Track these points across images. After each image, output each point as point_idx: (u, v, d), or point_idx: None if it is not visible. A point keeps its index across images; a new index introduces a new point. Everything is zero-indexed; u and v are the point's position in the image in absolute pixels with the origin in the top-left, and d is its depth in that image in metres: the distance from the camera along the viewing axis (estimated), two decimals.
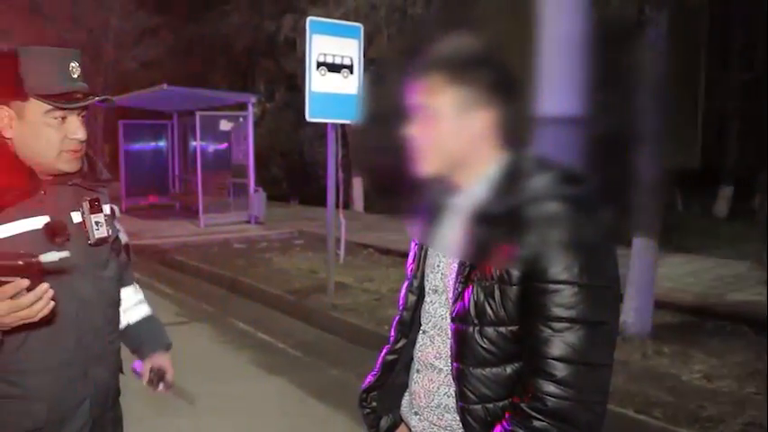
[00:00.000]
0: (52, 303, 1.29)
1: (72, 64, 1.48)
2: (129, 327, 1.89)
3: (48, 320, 1.38)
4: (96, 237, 1.59)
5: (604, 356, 1.22)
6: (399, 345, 1.53)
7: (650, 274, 5.27)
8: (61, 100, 1.46)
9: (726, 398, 4.03)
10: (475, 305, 1.25)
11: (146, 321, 1.92)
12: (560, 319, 1.17)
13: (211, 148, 13.67)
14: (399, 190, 1.46)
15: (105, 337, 1.65)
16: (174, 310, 6.68)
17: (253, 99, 12.71)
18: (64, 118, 1.49)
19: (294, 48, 15.53)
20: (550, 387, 1.17)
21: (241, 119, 12.78)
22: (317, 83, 6.44)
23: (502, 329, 1.24)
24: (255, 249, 9.94)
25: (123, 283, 1.86)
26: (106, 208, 1.68)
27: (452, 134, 1.27)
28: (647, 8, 5.08)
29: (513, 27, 1.43)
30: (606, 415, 1.25)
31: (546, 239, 1.17)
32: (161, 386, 1.86)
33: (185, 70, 18.04)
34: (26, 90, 1.44)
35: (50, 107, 1.46)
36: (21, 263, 1.19)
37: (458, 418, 1.32)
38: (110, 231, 1.65)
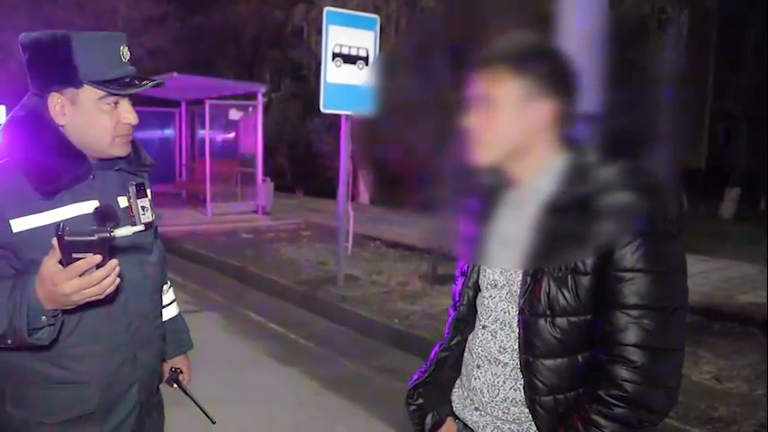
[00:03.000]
0: (118, 280, 1.29)
1: (122, 47, 1.47)
2: None
3: (111, 300, 1.39)
4: (143, 221, 1.58)
5: (679, 341, 1.26)
6: (454, 341, 1.54)
7: None
8: (114, 86, 1.44)
9: (736, 399, 4.05)
10: (547, 296, 1.27)
11: (173, 322, 1.95)
12: (636, 307, 1.20)
13: (219, 137, 13.66)
14: (414, 184, 1.47)
15: (152, 321, 1.67)
16: (184, 298, 6.70)
17: (263, 89, 12.68)
18: (116, 103, 1.48)
19: (302, 38, 15.51)
20: (629, 374, 1.20)
21: (250, 108, 12.76)
22: (333, 74, 6.45)
23: (574, 319, 1.27)
24: (263, 239, 9.96)
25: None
26: (150, 193, 1.69)
27: (513, 123, 1.29)
28: (669, 8, 5.09)
29: (533, 26, 1.45)
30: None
31: (619, 228, 1.20)
32: (175, 386, 1.92)
33: (192, 59, 18.00)
34: (80, 77, 1.42)
35: (104, 93, 1.44)
36: (95, 238, 1.18)
37: (525, 410, 1.34)
38: (155, 216, 1.66)
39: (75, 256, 1.19)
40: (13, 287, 1.32)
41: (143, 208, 1.60)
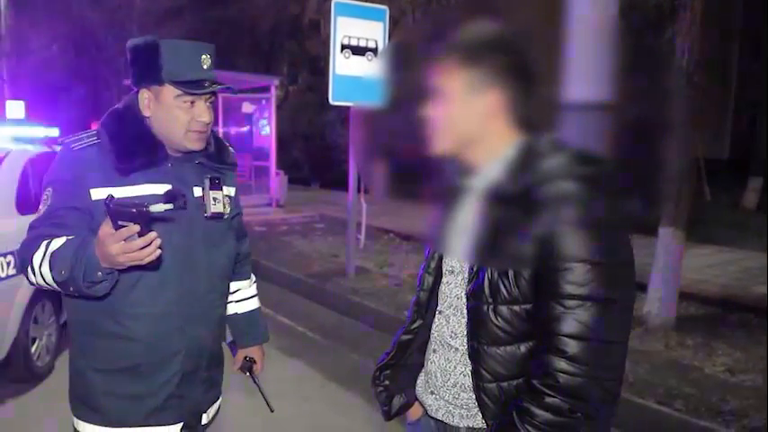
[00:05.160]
0: (159, 251, 1.45)
1: (204, 56, 1.69)
2: (236, 316, 2.11)
3: (155, 267, 1.59)
4: (212, 211, 1.79)
5: (617, 334, 1.24)
6: (415, 325, 1.57)
7: (676, 264, 5.19)
8: (189, 86, 1.66)
9: (749, 392, 3.98)
10: (489, 284, 1.29)
11: (250, 315, 2.14)
12: (572, 297, 1.20)
13: (233, 130, 13.71)
14: (413, 174, 1.51)
15: (207, 302, 1.83)
16: None
17: (275, 82, 12.70)
18: (192, 102, 1.68)
19: (318, 30, 15.49)
20: (562, 364, 1.20)
21: (264, 101, 12.79)
22: (342, 66, 6.42)
23: (516, 308, 1.28)
24: (276, 232, 9.99)
25: (241, 275, 2.09)
26: (229, 190, 1.88)
27: (463, 113, 1.32)
28: None
29: (540, 12, 1.45)
30: (619, 393, 1.26)
31: (559, 218, 1.19)
32: (248, 374, 2.13)
33: None
34: (163, 76, 1.65)
35: (180, 92, 1.66)
36: (134, 210, 1.37)
37: (473, 396, 1.37)
38: (227, 209, 1.84)
39: (120, 223, 1.39)
40: (80, 244, 1.53)
41: (214, 199, 1.80)
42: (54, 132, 5.76)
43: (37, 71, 16.23)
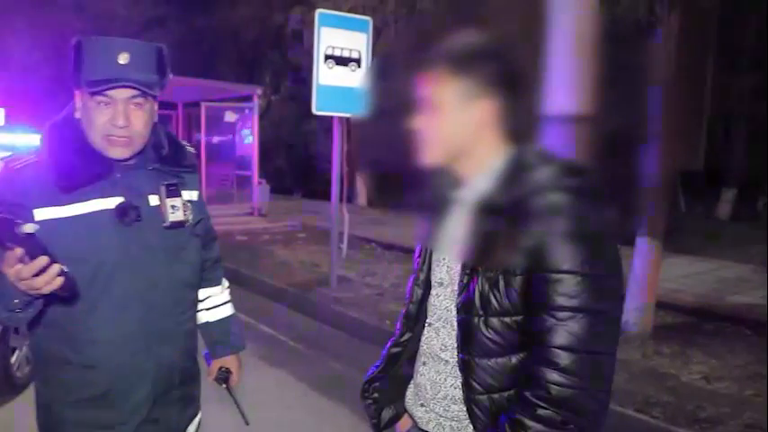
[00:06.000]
0: (60, 280, 1.34)
1: (121, 54, 1.53)
2: (208, 324, 1.99)
3: (120, 292, 1.54)
4: (171, 220, 1.66)
5: (606, 345, 1.23)
6: (405, 338, 1.55)
7: (653, 274, 5.28)
8: (98, 85, 1.51)
9: (725, 399, 4.05)
10: (480, 296, 1.27)
11: (224, 323, 2.02)
12: (563, 309, 1.19)
13: (216, 139, 13.67)
14: (403, 185, 1.48)
15: (173, 317, 1.71)
16: None
17: (258, 91, 12.70)
18: (107, 104, 1.53)
19: (301, 40, 15.52)
20: (554, 375, 1.19)
21: (247, 110, 12.79)
22: (325, 76, 6.45)
23: (506, 320, 1.26)
24: (258, 242, 9.96)
25: (211, 282, 1.98)
26: (190, 194, 1.76)
27: (454, 124, 1.30)
28: (657, 7, 5.07)
29: (522, 24, 1.44)
30: (608, 405, 1.26)
31: (549, 230, 1.19)
32: (224, 386, 2.01)
33: (192, 61, 18.04)
34: (81, 77, 1.53)
35: (92, 92, 1.53)
36: (16, 231, 1.24)
37: (464, 408, 1.34)
38: (188, 216, 1.71)
39: (8, 245, 1.26)
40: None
41: (173, 207, 1.67)
42: (36, 140, 5.72)
43: (18, 78, 16.07)
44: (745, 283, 6.85)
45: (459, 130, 1.31)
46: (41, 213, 1.53)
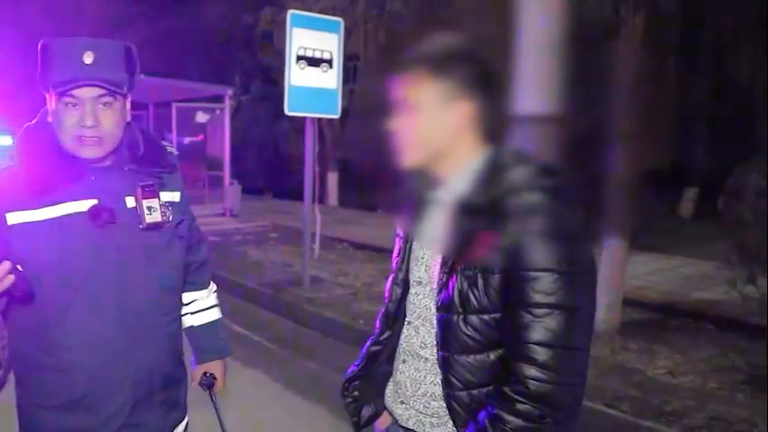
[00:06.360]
0: (10, 277, 1.36)
1: (86, 53, 1.51)
2: (192, 329, 1.96)
3: (92, 295, 1.53)
4: (148, 222, 1.63)
5: (582, 341, 1.27)
6: (384, 336, 1.58)
7: (620, 271, 5.40)
8: (63, 85, 1.50)
9: (689, 393, 4.17)
10: (459, 294, 1.30)
11: (208, 327, 1.98)
12: (540, 305, 1.22)
13: (187, 139, 13.54)
14: (384, 184, 1.50)
15: (152, 320, 1.68)
16: None
17: (229, 91, 12.61)
18: (75, 105, 1.52)
19: (271, 41, 15.46)
20: (532, 371, 1.22)
21: (218, 111, 12.69)
22: (297, 77, 6.45)
23: (485, 317, 1.29)
24: (230, 242, 9.90)
25: (197, 285, 1.95)
26: (171, 195, 1.73)
27: (433, 125, 1.32)
28: (622, 9, 5.20)
29: (493, 27, 1.50)
30: (582, 399, 1.31)
31: (525, 229, 1.22)
32: (207, 392, 1.98)
33: (160, 61, 17.82)
34: (48, 79, 1.52)
35: (60, 93, 1.52)
36: None
37: (444, 405, 1.37)
38: (166, 217, 1.68)
39: None
40: None
41: (149, 209, 1.64)
42: (7, 141, 5.62)
43: None
44: (708, 280, 7.03)
45: (437, 131, 1.32)
46: (14, 217, 1.52)
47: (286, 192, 15.43)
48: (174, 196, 1.75)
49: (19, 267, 1.37)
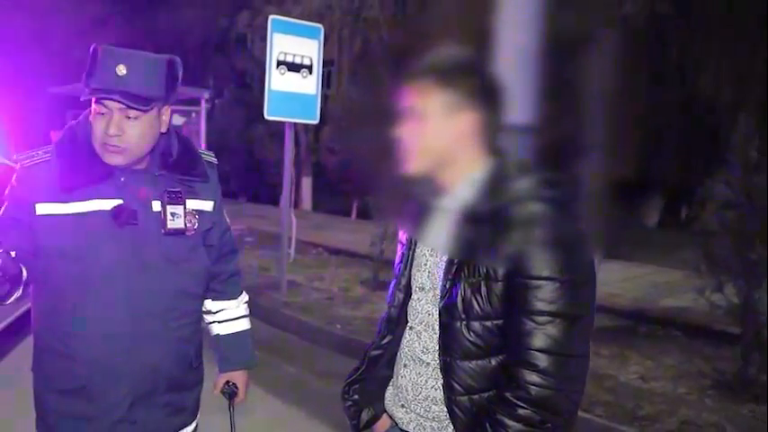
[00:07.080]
0: None
1: (119, 65, 1.56)
2: (218, 338, 1.99)
3: (105, 290, 1.60)
4: (169, 227, 1.68)
5: (582, 348, 1.31)
6: (385, 340, 1.61)
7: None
8: (96, 94, 1.57)
9: (660, 398, 4.29)
10: (462, 301, 1.33)
11: (235, 337, 2.00)
12: (542, 313, 1.26)
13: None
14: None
15: (164, 322, 1.71)
16: None
17: (206, 94, 12.52)
18: (104, 113, 1.59)
19: (245, 45, 15.41)
20: (533, 377, 1.26)
21: (193, 114, 12.59)
22: (277, 82, 6.48)
23: (488, 323, 1.33)
24: None
25: (226, 294, 1.97)
26: (202, 203, 1.76)
27: (439, 133, 1.36)
28: (594, 23, 5.33)
29: (471, 41, 1.55)
30: (580, 404, 1.35)
31: (529, 238, 1.26)
32: (228, 402, 1.99)
33: None
34: (88, 83, 1.59)
35: (94, 100, 1.59)
36: None
37: (445, 409, 1.40)
38: (192, 225, 1.72)
39: None
40: None
41: (173, 214, 1.68)
42: None
43: None
44: (675, 288, 7.22)
45: (442, 139, 1.36)
46: (42, 208, 1.61)
47: (260, 196, 15.36)
48: (206, 205, 1.78)
49: (12, 254, 1.43)
